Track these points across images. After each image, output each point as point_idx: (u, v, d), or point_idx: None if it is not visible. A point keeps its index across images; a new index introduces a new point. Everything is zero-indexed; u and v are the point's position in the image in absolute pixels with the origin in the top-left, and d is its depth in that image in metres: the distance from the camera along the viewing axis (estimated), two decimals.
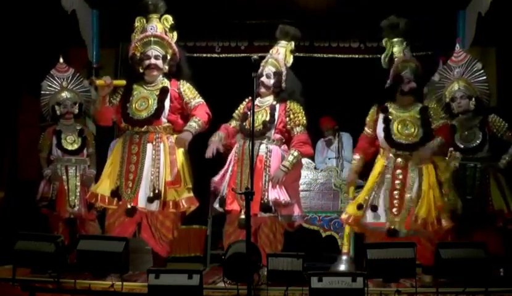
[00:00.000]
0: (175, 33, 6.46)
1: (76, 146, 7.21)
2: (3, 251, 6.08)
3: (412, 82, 6.24)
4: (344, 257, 6.75)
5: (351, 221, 6.25)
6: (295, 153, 6.12)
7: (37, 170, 7.34)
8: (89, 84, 7.31)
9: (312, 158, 7.82)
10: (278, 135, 6.22)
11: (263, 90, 6.28)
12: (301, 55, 8.58)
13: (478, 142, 6.71)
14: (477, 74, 6.84)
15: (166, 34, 6.43)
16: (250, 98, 6.24)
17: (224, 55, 8.84)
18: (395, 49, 6.37)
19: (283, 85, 6.26)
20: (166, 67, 6.36)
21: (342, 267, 6.65)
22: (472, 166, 6.67)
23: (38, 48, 8.12)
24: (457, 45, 7.24)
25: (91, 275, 5.76)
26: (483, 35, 7.84)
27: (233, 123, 6.38)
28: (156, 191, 6.12)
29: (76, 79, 7.41)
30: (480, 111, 6.80)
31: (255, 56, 5.70)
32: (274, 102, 6.26)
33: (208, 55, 8.87)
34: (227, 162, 6.31)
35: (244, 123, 6.25)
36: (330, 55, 8.78)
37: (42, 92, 7.36)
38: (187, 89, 6.35)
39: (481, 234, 6.40)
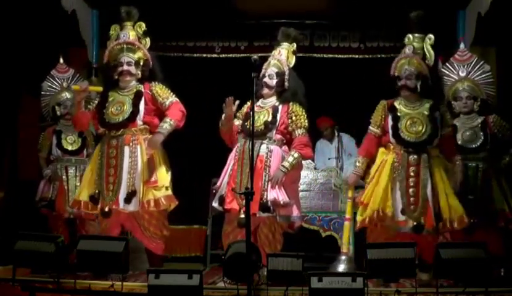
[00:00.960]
0: (148, 39, 6.54)
1: (76, 146, 7.23)
2: (3, 251, 6.08)
3: (408, 80, 6.17)
4: (343, 257, 6.75)
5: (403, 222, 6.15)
6: (295, 155, 6.13)
7: (37, 170, 7.34)
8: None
9: (312, 158, 7.83)
10: (279, 136, 6.22)
11: (266, 91, 6.28)
12: (301, 55, 8.60)
13: (480, 142, 6.71)
14: (484, 76, 6.87)
15: (139, 41, 6.48)
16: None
17: (224, 55, 8.84)
18: (416, 45, 6.22)
19: (286, 84, 6.27)
20: (139, 72, 6.45)
21: (341, 267, 6.64)
22: (474, 166, 6.68)
23: (38, 48, 8.12)
24: (462, 43, 7.24)
25: (91, 275, 5.77)
26: (483, 35, 7.83)
27: (236, 122, 6.38)
28: (130, 190, 6.19)
29: (76, 79, 7.44)
30: (483, 112, 6.81)
31: (255, 56, 5.70)
32: (277, 103, 6.27)
33: (208, 55, 8.87)
34: (228, 161, 6.32)
35: (246, 123, 6.25)
36: (330, 55, 8.78)
37: (42, 92, 7.40)
38: (159, 90, 6.41)
39: (482, 233, 6.41)
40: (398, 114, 6.24)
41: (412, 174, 6.11)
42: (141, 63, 6.44)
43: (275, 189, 6.04)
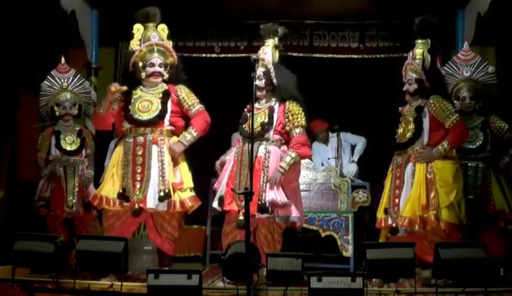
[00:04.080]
0: (171, 42, 6.53)
1: (74, 146, 7.21)
2: (2, 251, 6.08)
3: (409, 86, 6.15)
4: None
5: (384, 225, 6.22)
6: (293, 154, 6.10)
7: (36, 170, 7.32)
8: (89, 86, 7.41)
9: (311, 158, 7.85)
10: (277, 137, 6.20)
11: (258, 93, 6.25)
12: (301, 55, 8.62)
13: (479, 142, 6.72)
14: (487, 77, 6.88)
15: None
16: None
17: (223, 55, 8.84)
18: (417, 51, 6.16)
19: (274, 81, 6.23)
20: (167, 75, 6.43)
21: None
22: (474, 166, 6.68)
23: (38, 48, 8.12)
24: (466, 43, 7.23)
25: (91, 275, 5.77)
26: (483, 35, 7.84)
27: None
28: (167, 191, 6.16)
29: (77, 79, 7.42)
30: (482, 112, 6.81)
31: (255, 56, 5.71)
32: (273, 103, 6.25)
33: (208, 55, 8.87)
34: (227, 162, 6.32)
35: (244, 126, 6.25)
36: (330, 56, 8.78)
37: (41, 92, 7.36)
38: (185, 96, 6.40)
39: (482, 233, 6.44)
40: (400, 119, 6.30)
41: (398, 175, 6.15)
42: (169, 66, 6.45)
43: (273, 190, 6.03)
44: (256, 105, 6.21)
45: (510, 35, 7.92)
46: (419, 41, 6.17)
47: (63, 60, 7.46)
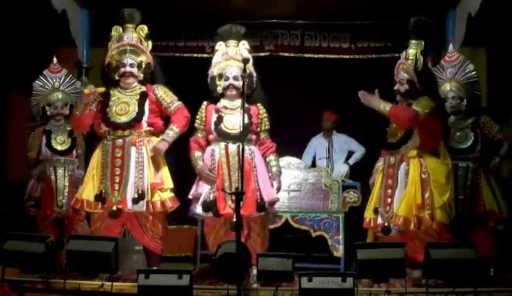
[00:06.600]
0: (150, 42, 6.56)
1: (65, 146, 7.20)
2: None
3: (400, 86, 6.16)
4: None
5: (373, 225, 6.23)
6: (277, 157, 6.34)
7: (27, 170, 7.31)
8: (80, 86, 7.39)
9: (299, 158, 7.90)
10: (255, 137, 6.26)
11: (233, 92, 6.24)
12: (292, 55, 8.62)
13: (470, 143, 6.74)
14: (468, 75, 6.88)
15: (141, 43, 6.50)
16: (205, 103, 6.33)
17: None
18: (410, 51, 6.17)
19: (254, 85, 6.30)
20: (141, 75, 6.46)
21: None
22: (464, 166, 6.70)
23: (28, 47, 8.10)
24: (450, 45, 7.25)
25: (81, 275, 5.75)
26: (474, 35, 7.85)
27: (200, 134, 6.36)
28: (140, 192, 6.17)
29: (68, 79, 7.40)
30: (472, 112, 6.83)
31: (245, 56, 5.70)
32: (246, 105, 6.22)
33: (199, 55, 8.86)
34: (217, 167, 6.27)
35: (220, 126, 6.23)
36: (321, 56, 8.78)
37: (33, 92, 7.34)
38: (163, 94, 6.43)
39: (472, 234, 6.46)
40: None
41: (390, 174, 6.15)
42: (143, 66, 6.45)
43: (270, 190, 6.12)
44: (224, 104, 6.23)
45: (501, 36, 7.93)
46: (413, 42, 6.18)
47: (55, 59, 7.44)
